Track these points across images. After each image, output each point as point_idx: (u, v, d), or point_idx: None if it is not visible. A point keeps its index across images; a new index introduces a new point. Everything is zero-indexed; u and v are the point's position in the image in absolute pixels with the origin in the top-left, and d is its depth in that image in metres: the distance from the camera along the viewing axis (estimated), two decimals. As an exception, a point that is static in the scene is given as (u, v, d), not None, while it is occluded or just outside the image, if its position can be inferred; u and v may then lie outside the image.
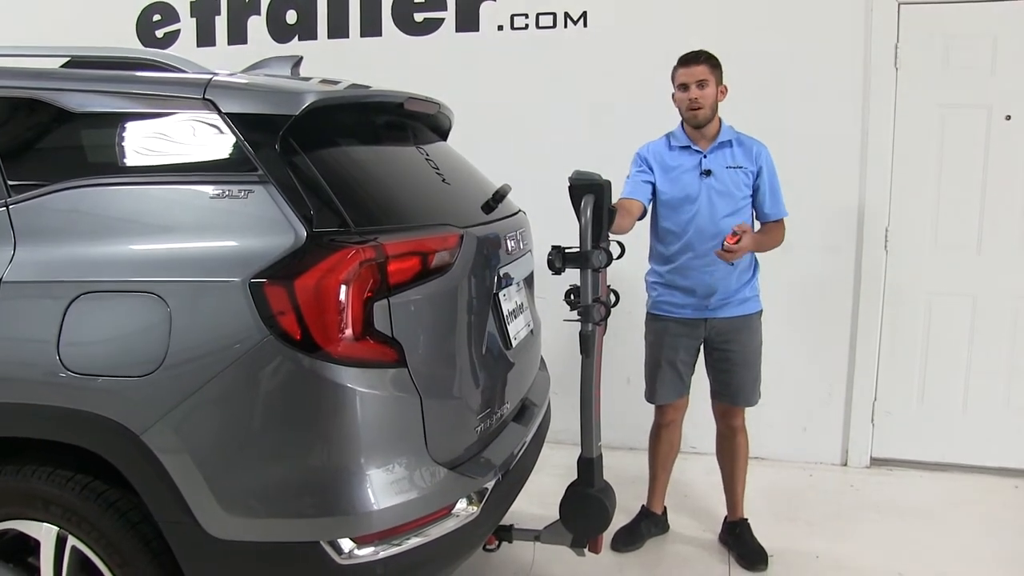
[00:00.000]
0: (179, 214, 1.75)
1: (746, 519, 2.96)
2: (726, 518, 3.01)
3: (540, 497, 2.52)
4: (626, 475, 3.07)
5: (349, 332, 1.63)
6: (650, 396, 2.94)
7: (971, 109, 3.48)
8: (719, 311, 2.78)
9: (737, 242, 2.50)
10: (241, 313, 1.61)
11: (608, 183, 2.25)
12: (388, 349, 1.70)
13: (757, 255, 2.85)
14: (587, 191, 2.21)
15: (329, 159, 1.86)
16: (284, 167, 1.71)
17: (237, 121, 1.75)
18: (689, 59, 2.70)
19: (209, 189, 1.72)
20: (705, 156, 2.74)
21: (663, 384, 2.88)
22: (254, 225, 1.68)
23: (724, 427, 2.94)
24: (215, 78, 1.82)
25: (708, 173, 2.72)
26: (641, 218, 2.78)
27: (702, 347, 2.87)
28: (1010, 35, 3.41)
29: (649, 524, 3.02)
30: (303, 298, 1.60)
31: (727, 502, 3.00)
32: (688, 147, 2.76)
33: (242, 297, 1.61)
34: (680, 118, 2.80)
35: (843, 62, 3.55)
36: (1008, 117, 3.44)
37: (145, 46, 4.11)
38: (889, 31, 3.49)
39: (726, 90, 2.76)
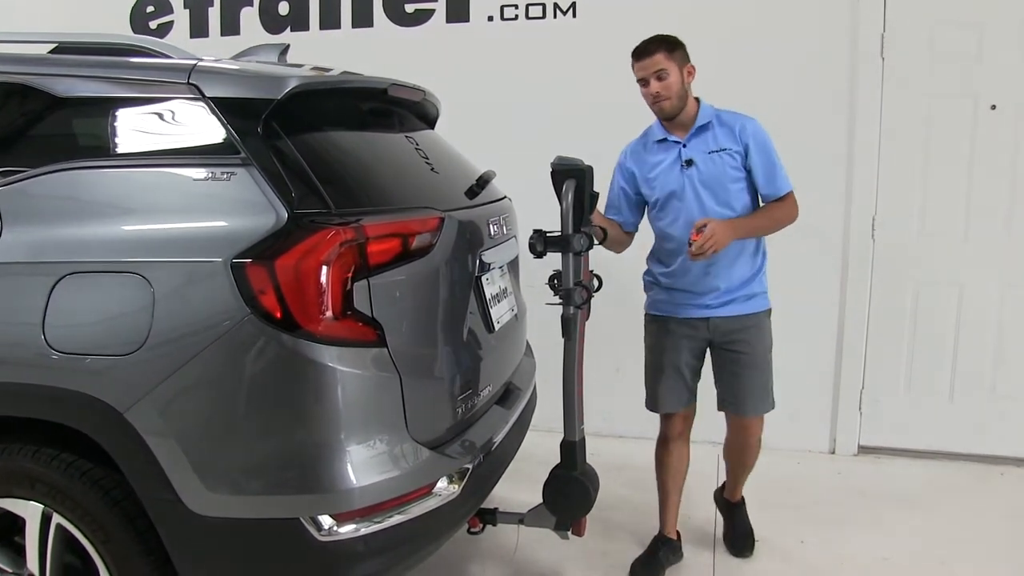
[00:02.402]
0: (163, 196, 1.77)
1: (743, 500, 2.90)
2: (724, 486, 2.92)
3: (529, 483, 2.54)
4: (613, 462, 3.09)
5: (329, 312, 1.65)
6: (652, 404, 2.69)
7: (957, 98, 3.49)
8: (722, 309, 2.56)
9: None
10: (223, 293, 1.63)
11: (590, 168, 2.26)
12: (368, 329, 1.72)
13: (766, 243, 2.64)
14: (568, 176, 2.23)
15: (312, 143, 1.88)
16: (266, 150, 1.73)
17: (221, 105, 1.77)
18: (641, 51, 2.49)
19: (193, 172, 1.75)
20: (684, 145, 2.53)
21: (666, 390, 2.63)
22: (236, 207, 1.70)
23: (734, 438, 2.74)
24: (199, 63, 1.84)
25: (689, 163, 2.51)
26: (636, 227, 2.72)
27: (708, 352, 2.67)
28: (996, 24, 3.42)
29: (667, 552, 2.72)
30: (283, 278, 1.63)
31: (727, 485, 2.91)
32: (665, 140, 2.57)
33: (224, 277, 1.63)
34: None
35: (829, 51, 3.56)
36: (993, 106, 3.45)
37: (137, 38, 4.14)
38: (876, 20, 3.50)
39: (693, 70, 2.52)
